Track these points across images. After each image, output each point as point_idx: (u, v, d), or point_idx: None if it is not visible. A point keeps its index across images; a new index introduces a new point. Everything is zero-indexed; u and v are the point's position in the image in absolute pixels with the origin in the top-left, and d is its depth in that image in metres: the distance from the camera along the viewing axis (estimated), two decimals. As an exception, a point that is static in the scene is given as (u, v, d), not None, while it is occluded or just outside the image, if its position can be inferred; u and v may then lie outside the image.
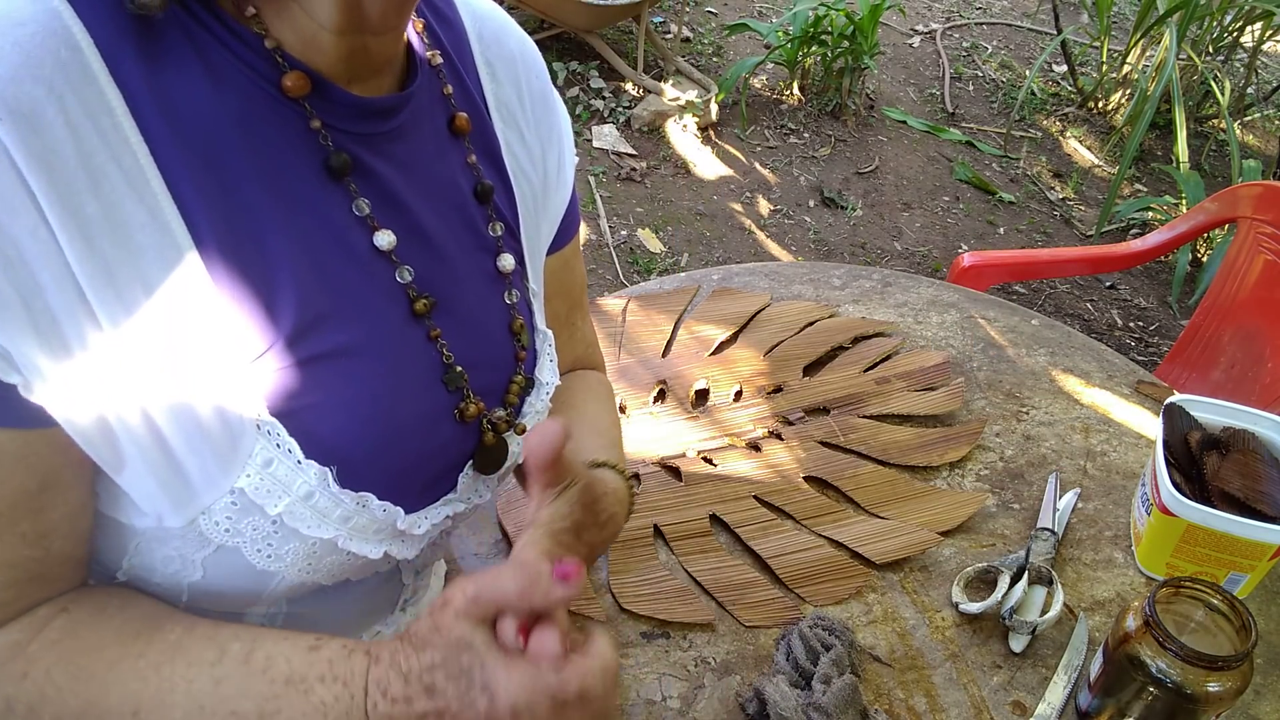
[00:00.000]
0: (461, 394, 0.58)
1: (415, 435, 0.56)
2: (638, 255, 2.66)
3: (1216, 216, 1.61)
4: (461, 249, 0.59)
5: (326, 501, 0.51)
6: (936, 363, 1.14)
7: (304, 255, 0.50)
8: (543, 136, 0.67)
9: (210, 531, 0.50)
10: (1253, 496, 0.88)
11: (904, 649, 0.85)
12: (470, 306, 0.59)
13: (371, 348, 0.53)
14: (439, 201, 0.58)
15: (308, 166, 0.50)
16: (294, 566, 0.52)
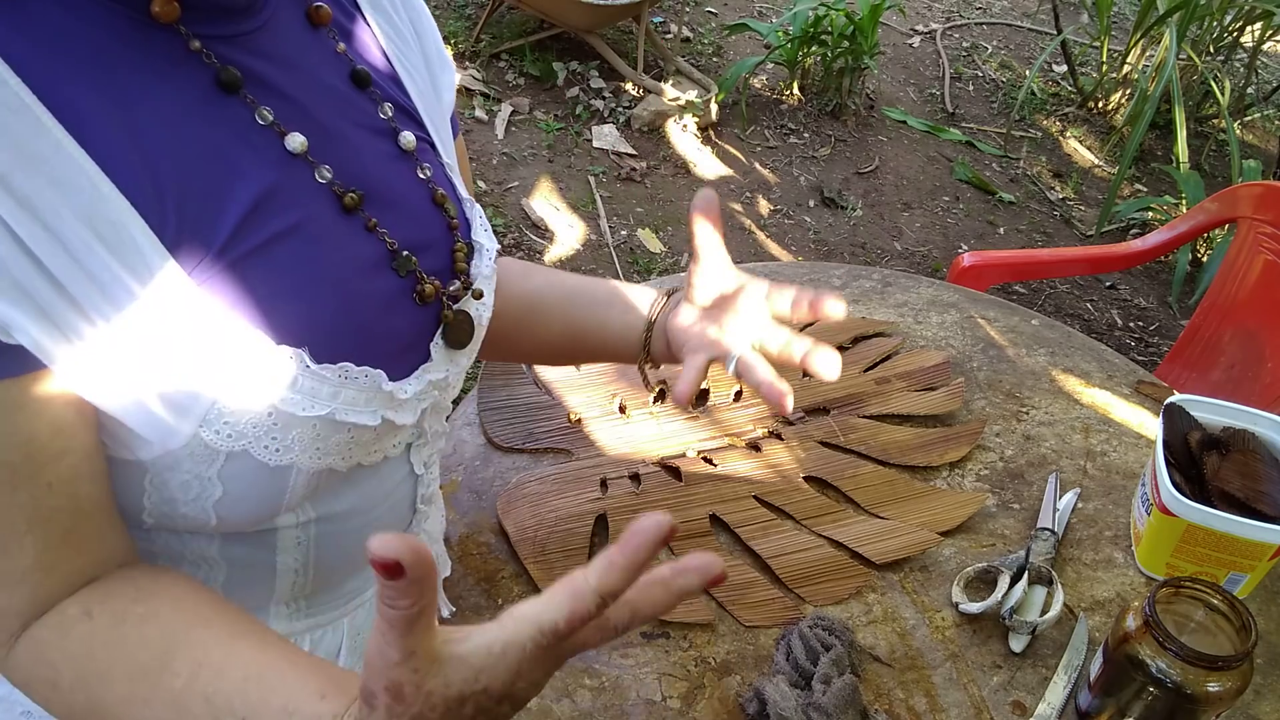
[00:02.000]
0: (415, 277, 0.59)
1: (377, 316, 0.58)
2: (638, 255, 2.66)
3: (1216, 216, 1.61)
4: (361, 137, 0.60)
5: (310, 380, 0.53)
6: (936, 363, 1.14)
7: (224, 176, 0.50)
8: (412, 19, 0.68)
9: (214, 441, 0.51)
10: (1253, 496, 0.88)
11: (904, 649, 0.85)
12: (390, 190, 0.60)
13: (312, 236, 0.54)
14: (325, 95, 0.58)
15: (199, 88, 0.50)
16: (304, 454, 0.54)
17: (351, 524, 0.63)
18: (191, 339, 0.49)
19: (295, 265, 0.53)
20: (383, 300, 0.58)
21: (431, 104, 0.68)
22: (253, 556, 0.60)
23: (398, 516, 0.69)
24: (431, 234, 0.62)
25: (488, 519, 0.93)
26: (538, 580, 0.87)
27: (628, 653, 0.83)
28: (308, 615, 0.67)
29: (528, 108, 3.08)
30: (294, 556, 0.61)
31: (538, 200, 2.77)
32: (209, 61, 0.50)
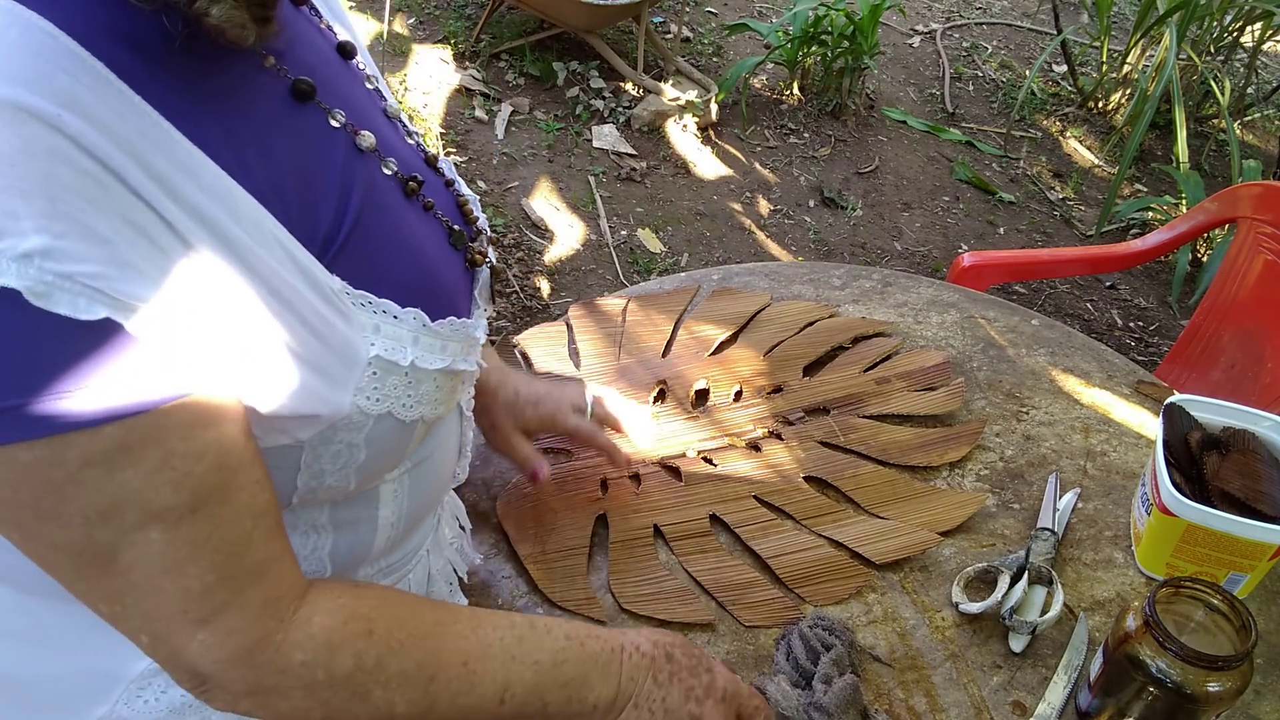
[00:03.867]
0: (467, 247, 0.66)
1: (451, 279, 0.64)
2: (638, 255, 2.66)
3: (1216, 216, 1.61)
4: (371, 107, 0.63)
5: (429, 338, 0.58)
6: (936, 363, 1.14)
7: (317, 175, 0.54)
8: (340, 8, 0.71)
9: (366, 406, 0.54)
10: (1253, 496, 0.88)
11: (904, 649, 0.85)
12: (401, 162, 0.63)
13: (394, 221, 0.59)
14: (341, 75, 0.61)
15: (278, 99, 0.54)
16: (430, 405, 0.59)
17: (429, 468, 0.68)
18: (336, 315, 0.52)
19: (388, 245, 0.58)
20: (451, 267, 0.64)
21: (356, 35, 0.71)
22: (358, 515, 0.63)
23: (452, 457, 0.74)
24: (437, 195, 0.66)
25: (488, 519, 0.93)
26: (538, 581, 0.87)
27: (628, 653, 0.83)
28: (385, 574, 0.71)
29: (528, 108, 3.08)
30: (391, 509, 0.65)
31: (538, 200, 2.77)
32: (283, 75, 0.54)
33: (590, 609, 0.85)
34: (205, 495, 0.47)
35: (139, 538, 0.46)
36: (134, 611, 0.49)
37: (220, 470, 0.48)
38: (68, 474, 0.43)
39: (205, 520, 0.48)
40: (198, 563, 0.48)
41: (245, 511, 0.50)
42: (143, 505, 0.45)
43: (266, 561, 0.51)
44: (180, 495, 0.46)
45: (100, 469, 0.44)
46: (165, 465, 0.45)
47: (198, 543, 0.48)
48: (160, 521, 0.46)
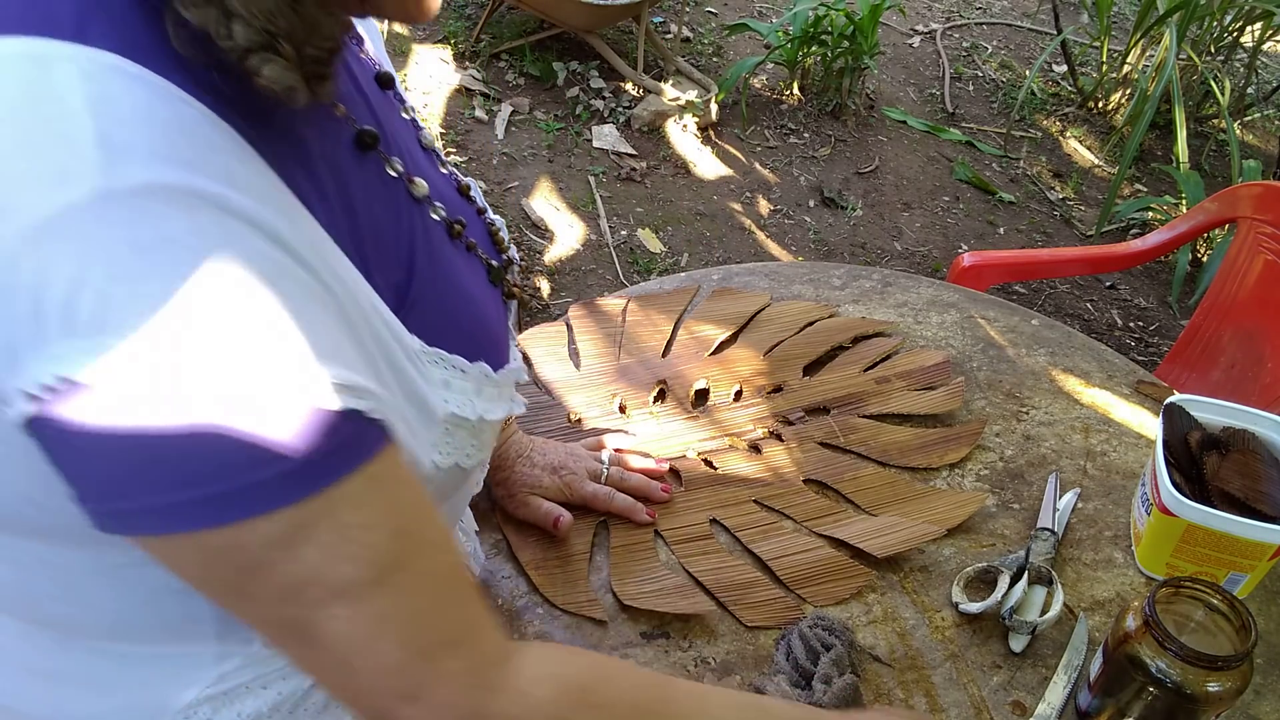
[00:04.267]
0: (504, 282, 0.66)
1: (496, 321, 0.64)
2: (638, 255, 2.66)
3: (1216, 216, 1.61)
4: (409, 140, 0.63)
5: (491, 387, 0.59)
6: (936, 362, 1.14)
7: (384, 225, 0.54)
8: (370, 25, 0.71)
9: (439, 461, 0.54)
10: (1253, 496, 0.88)
11: (904, 649, 0.85)
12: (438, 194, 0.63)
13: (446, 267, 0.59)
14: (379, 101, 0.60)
15: (346, 147, 0.53)
16: (486, 451, 0.60)
17: (464, 494, 0.69)
18: (418, 375, 0.52)
19: (447, 295, 0.58)
20: (494, 307, 0.64)
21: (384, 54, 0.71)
22: None
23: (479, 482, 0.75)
24: (473, 228, 0.66)
25: (488, 519, 0.93)
26: (539, 585, 0.87)
27: (627, 652, 0.83)
28: None
29: (528, 108, 3.08)
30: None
31: (538, 200, 2.77)
32: (351, 124, 0.54)
33: (592, 610, 0.85)
34: (388, 566, 0.46)
35: (325, 615, 0.45)
36: (340, 685, 0.49)
37: (401, 537, 0.46)
38: (252, 556, 0.43)
39: (392, 592, 0.46)
40: (387, 637, 0.46)
41: (429, 577, 0.48)
42: (325, 582, 0.44)
43: (461, 628, 0.50)
44: (360, 569, 0.45)
45: (281, 550, 0.43)
46: (344, 540, 0.44)
47: (387, 618, 0.46)
48: (344, 597, 0.45)
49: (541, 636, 0.83)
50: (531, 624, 0.84)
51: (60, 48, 0.39)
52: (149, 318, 0.38)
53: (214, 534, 0.42)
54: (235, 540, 0.42)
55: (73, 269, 0.37)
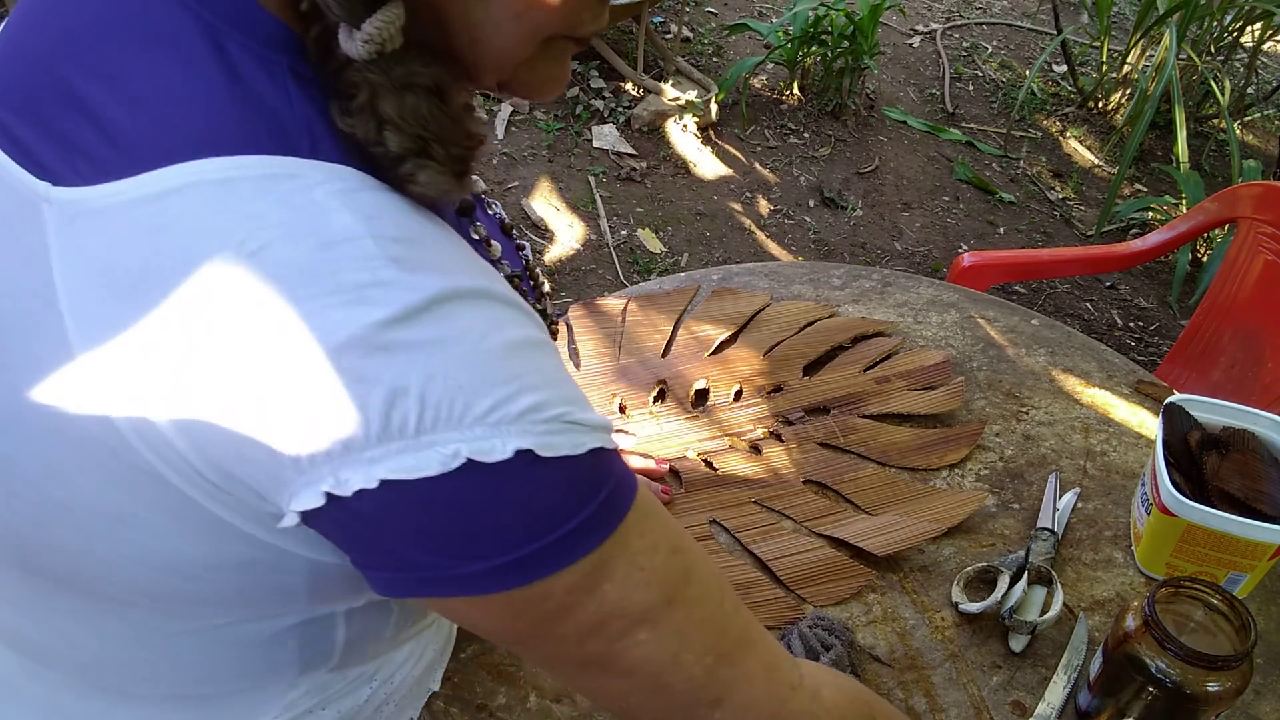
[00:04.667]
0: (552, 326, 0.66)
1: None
2: (638, 255, 2.66)
3: (1216, 216, 1.61)
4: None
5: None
6: (936, 362, 1.14)
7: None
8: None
9: None
10: (1252, 496, 0.88)
11: (904, 649, 0.85)
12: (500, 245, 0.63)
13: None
14: None
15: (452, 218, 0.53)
16: None
17: None
18: None
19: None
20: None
21: None
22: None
23: None
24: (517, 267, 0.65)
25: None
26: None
27: (628, 653, 0.83)
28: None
29: (527, 108, 3.08)
30: None
31: (538, 200, 2.77)
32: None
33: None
34: (675, 583, 0.48)
35: (629, 643, 0.47)
36: (647, 706, 0.50)
37: (676, 553, 0.48)
38: (557, 604, 0.44)
39: (683, 606, 0.48)
40: (691, 650, 0.48)
41: (711, 584, 0.50)
42: (625, 613, 0.46)
43: (748, 626, 0.51)
44: (653, 593, 0.47)
45: (584, 592, 0.45)
46: (635, 569, 0.46)
47: (685, 631, 0.48)
48: (644, 623, 0.47)
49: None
50: (531, 624, 0.84)
51: (305, 166, 0.41)
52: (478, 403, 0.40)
53: (523, 590, 0.43)
54: (543, 592, 0.44)
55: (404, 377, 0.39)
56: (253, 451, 0.40)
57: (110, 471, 0.43)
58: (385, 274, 0.39)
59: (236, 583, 0.47)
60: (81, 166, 0.41)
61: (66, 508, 0.45)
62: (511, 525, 0.42)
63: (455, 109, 0.44)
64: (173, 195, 0.39)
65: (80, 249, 0.40)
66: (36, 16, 0.45)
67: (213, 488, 0.42)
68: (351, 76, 0.42)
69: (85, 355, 0.41)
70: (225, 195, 0.39)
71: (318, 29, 0.43)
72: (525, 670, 0.80)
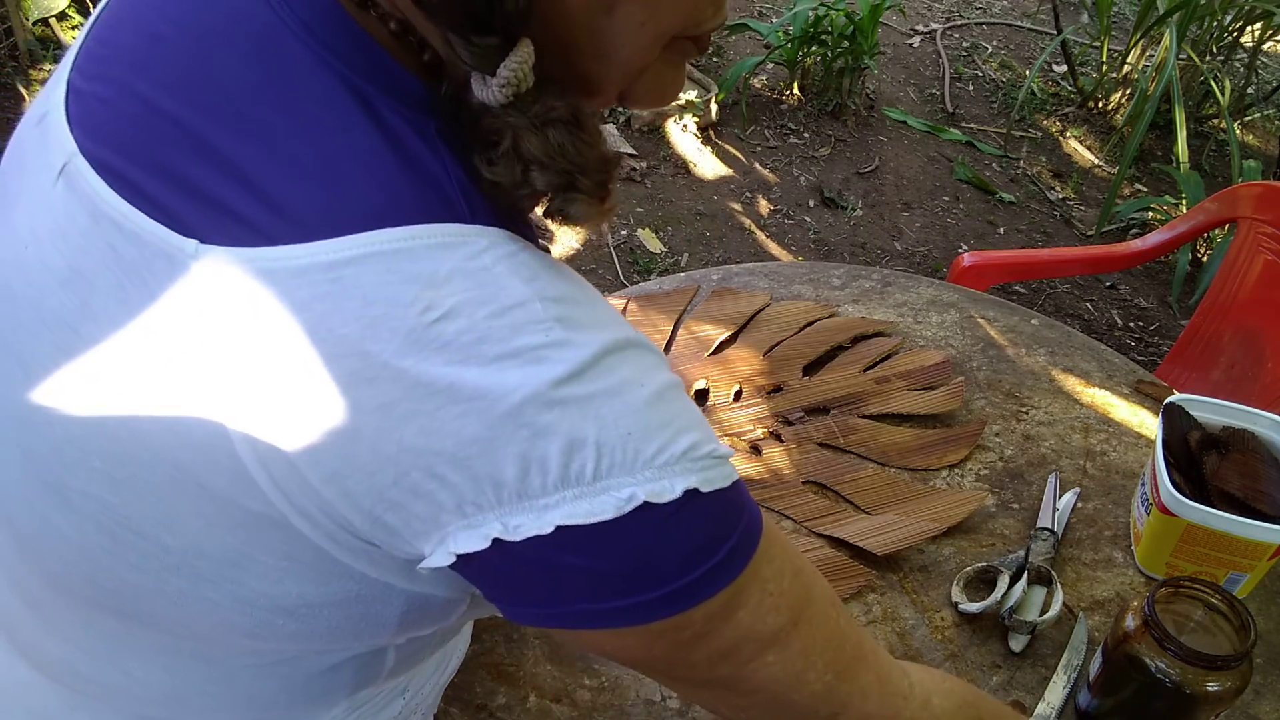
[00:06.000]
0: None
1: None
2: (638, 255, 2.66)
3: (1216, 216, 1.61)
4: None
5: None
6: (936, 362, 1.14)
7: None
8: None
9: None
10: (1252, 496, 0.88)
11: (904, 649, 0.85)
12: None
13: None
14: None
15: None
16: None
17: None
18: None
19: None
20: None
21: None
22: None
23: None
24: None
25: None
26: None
27: (627, 653, 0.83)
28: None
29: (528, 108, 3.08)
30: None
31: (538, 200, 2.77)
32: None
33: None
34: (799, 605, 0.49)
35: (757, 665, 0.48)
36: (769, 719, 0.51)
37: (798, 575, 0.49)
38: (694, 632, 0.45)
39: (806, 626, 0.49)
40: (814, 668, 0.50)
41: (828, 602, 0.51)
42: (756, 638, 0.47)
43: (861, 641, 0.52)
44: (781, 616, 0.48)
45: (719, 621, 0.46)
46: (765, 595, 0.47)
47: (808, 651, 0.49)
48: (773, 646, 0.48)
49: (541, 636, 0.83)
50: (531, 624, 0.84)
51: (471, 231, 0.42)
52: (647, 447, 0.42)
53: (664, 621, 0.44)
54: (683, 621, 0.45)
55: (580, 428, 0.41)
56: (414, 503, 0.41)
57: (230, 517, 0.43)
58: (555, 335, 0.41)
59: (335, 618, 0.48)
60: (233, 228, 0.40)
61: (176, 553, 0.45)
62: (670, 561, 0.43)
63: (591, 134, 0.44)
64: (350, 264, 0.39)
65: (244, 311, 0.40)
66: (141, 57, 0.44)
67: (342, 531, 0.43)
68: (490, 123, 0.42)
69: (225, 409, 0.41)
70: (403, 264, 0.40)
71: (450, 85, 0.44)
72: (525, 670, 0.80)
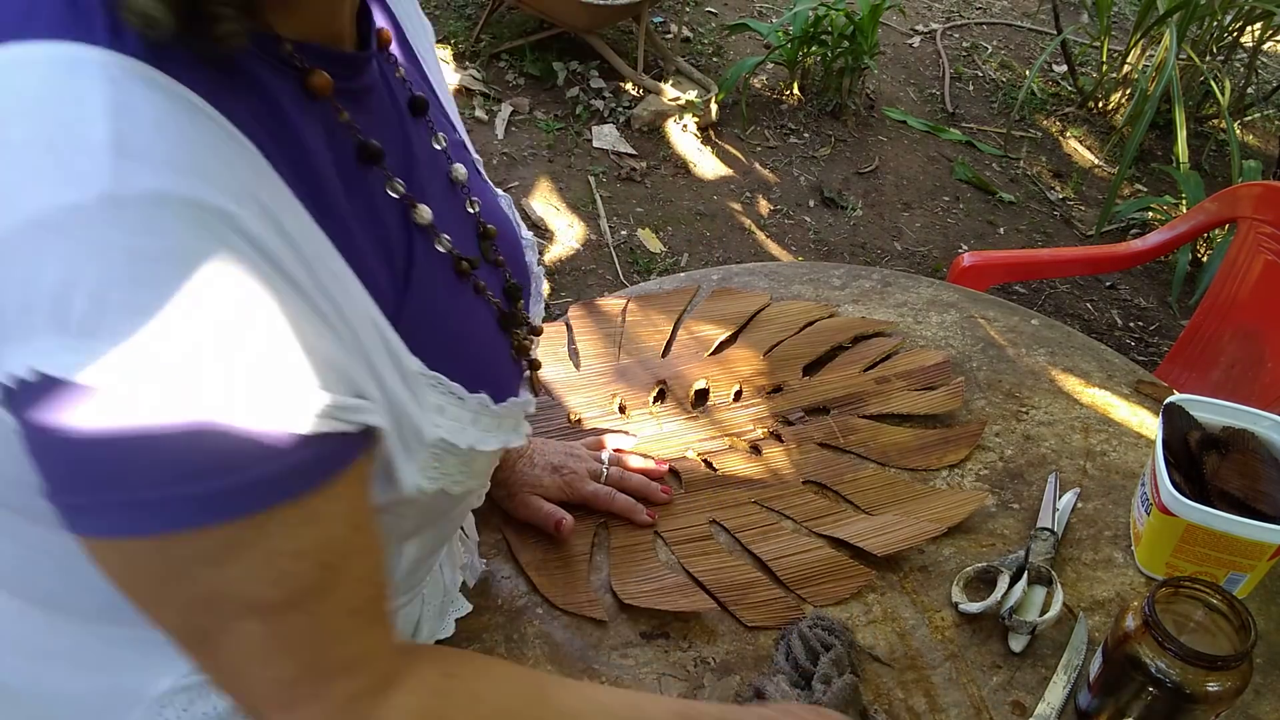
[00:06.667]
0: (511, 332, 0.65)
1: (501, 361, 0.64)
2: (638, 255, 2.66)
3: (1216, 216, 1.61)
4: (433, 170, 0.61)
5: (488, 419, 0.58)
6: (936, 362, 1.14)
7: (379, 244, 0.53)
8: (424, 29, 0.70)
9: (425, 485, 0.54)
10: (1252, 496, 0.88)
11: (904, 649, 0.85)
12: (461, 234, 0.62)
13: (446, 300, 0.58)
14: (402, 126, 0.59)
15: (348, 158, 0.52)
16: (479, 479, 0.60)
17: (457, 516, 0.70)
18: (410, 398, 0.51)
19: (445, 327, 0.57)
20: (500, 351, 0.64)
21: (440, 85, 0.69)
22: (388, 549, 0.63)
23: (479, 499, 0.76)
24: (492, 279, 0.65)
25: (488, 520, 0.93)
26: (539, 586, 0.87)
27: (627, 653, 0.83)
28: (403, 591, 0.70)
29: (528, 108, 3.08)
30: (414, 552, 0.65)
31: (538, 200, 2.77)
32: (354, 134, 0.52)
33: (592, 610, 0.85)
34: (304, 592, 0.47)
35: (236, 627, 0.46)
36: (227, 684, 0.50)
37: (322, 568, 0.47)
38: (174, 569, 0.43)
39: (302, 615, 0.47)
40: (289, 656, 0.48)
41: (343, 608, 0.49)
42: (242, 599, 0.45)
43: (358, 656, 0.51)
44: (279, 591, 0.46)
45: (206, 565, 0.44)
46: (268, 563, 0.45)
47: (291, 637, 0.47)
48: (258, 614, 0.46)
49: (541, 636, 0.83)
50: (531, 624, 0.84)
51: (91, 52, 0.40)
52: (136, 326, 0.38)
53: (141, 541, 0.42)
54: (162, 550, 0.43)
55: (69, 268, 0.37)
56: None
57: None
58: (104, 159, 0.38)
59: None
60: None
61: None
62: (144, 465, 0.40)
63: None
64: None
65: None
66: None
67: None
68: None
69: None
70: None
71: None
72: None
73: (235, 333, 0.40)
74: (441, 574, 0.78)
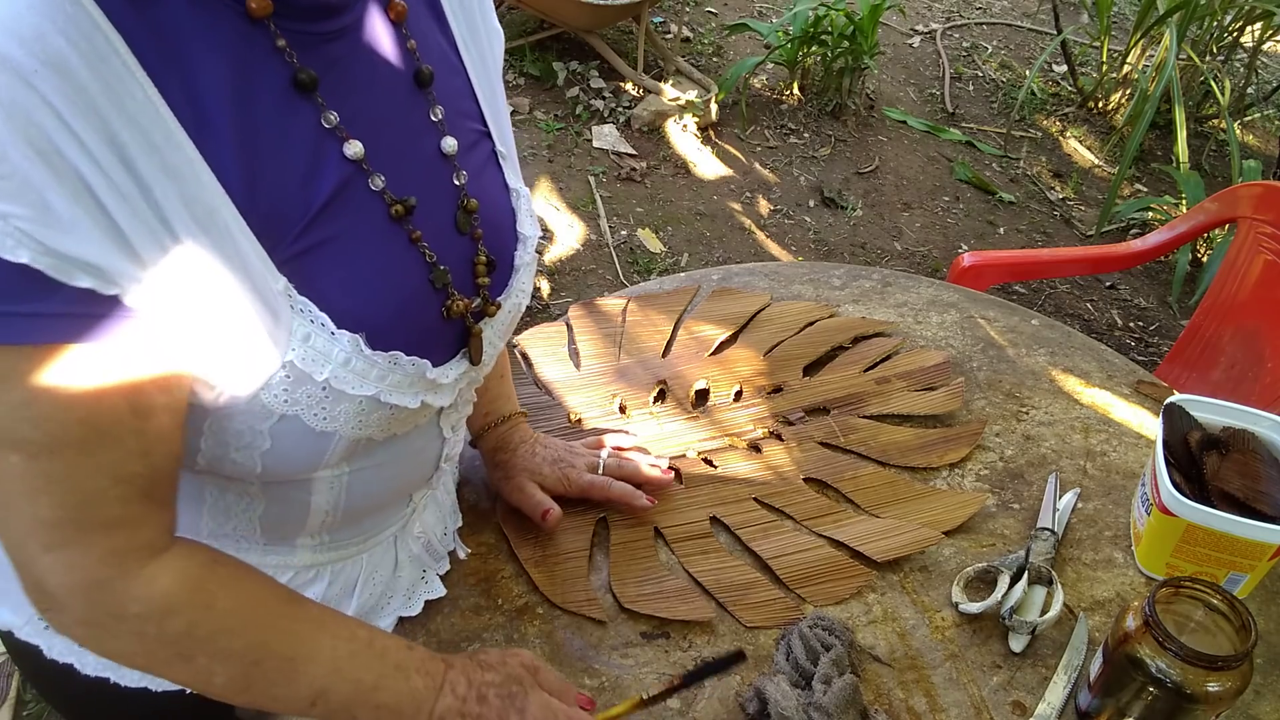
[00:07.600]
0: (446, 292, 0.65)
1: (423, 316, 0.64)
2: (638, 255, 2.66)
3: (1216, 216, 1.61)
4: (414, 143, 0.63)
5: (362, 364, 0.59)
6: (936, 362, 1.14)
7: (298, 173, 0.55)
8: (488, 34, 0.72)
9: (271, 403, 0.57)
10: (1252, 496, 0.88)
11: (904, 649, 0.85)
12: (428, 199, 0.63)
13: (365, 240, 0.59)
14: (391, 96, 0.61)
15: (281, 84, 0.54)
16: (348, 424, 0.60)
17: (382, 475, 0.70)
18: (266, 312, 0.54)
19: (351, 264, 0.58)
20: (426, 305, 0.64)
21: (490, 97, 0.72)
22: (290, 495, 0.66)
23: (423, 472, 0.76)
24: (457, 246, 0.66)
25: (489, 519, 0.93)
26: (539, 584, 0.87)
27: (627, 653, 0.83)
28: (330, 549, 0.73)
29: (528, 108, 3.08)
30: (326, 499, 0.67)
31: (538, 200, 2.77)
32: (289, 60, 0.54)
33: (591, 609, 0.85)
34: (64, 441, 0.50)
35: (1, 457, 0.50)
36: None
37: (84, 426, 0.50)
38: None
39: (62, 463, 0.51)
40: (49, 496, 0.52)
41: (107, 471, 0.52)
42: (5, 431, 0.50)
43: (120, 520, 0.54)
44: (37, 433, 0.50)
45: None
46: (27, 404, 0.49)
47: (52, 479, 0.51)
48: (18, 450, 0.50)
49: (542, 636, 0.83)
50: (532, 624, 0.84)
51: None
52: None
53: None
54: None
55: None
56: None
57: None
58: None
59: None
60: None
61: None
62: None
63: None
64: None
65: None
66: None
67: None
68: None
69: None
70: None
71: None
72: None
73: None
74: (396, 547, 0.79)
